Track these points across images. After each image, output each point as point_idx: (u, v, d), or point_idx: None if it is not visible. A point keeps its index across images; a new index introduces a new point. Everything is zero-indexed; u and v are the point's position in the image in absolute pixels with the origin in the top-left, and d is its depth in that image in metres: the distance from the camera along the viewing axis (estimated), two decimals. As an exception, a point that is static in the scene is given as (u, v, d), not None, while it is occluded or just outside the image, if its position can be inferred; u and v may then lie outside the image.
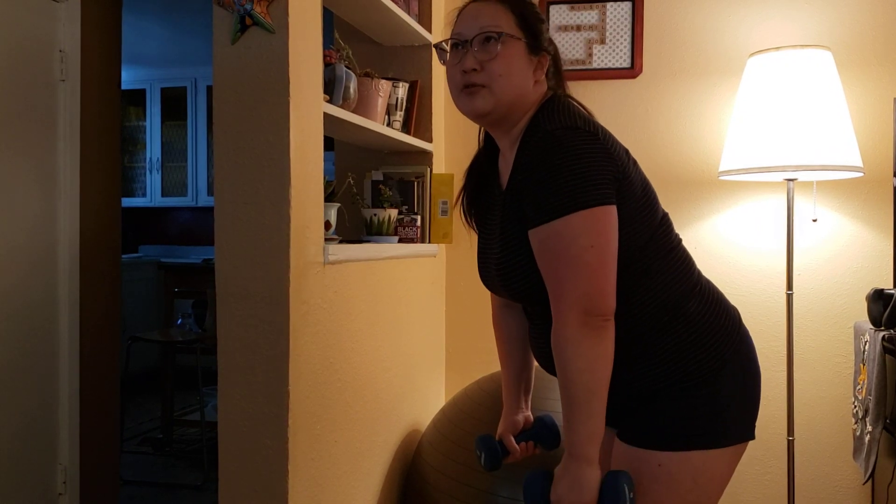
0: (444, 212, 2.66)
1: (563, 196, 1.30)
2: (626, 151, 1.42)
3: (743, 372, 1.42)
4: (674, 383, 1.38)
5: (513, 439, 1.62)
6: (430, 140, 2.75)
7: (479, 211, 1.60)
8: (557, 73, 1.52)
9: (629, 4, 2.84)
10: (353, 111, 2.19)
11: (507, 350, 1.68)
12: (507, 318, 1.67)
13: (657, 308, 1.38)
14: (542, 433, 1.63)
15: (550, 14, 2.89)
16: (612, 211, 1.32)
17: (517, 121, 1.46)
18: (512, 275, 1.43)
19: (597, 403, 1.29)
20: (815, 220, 2.62)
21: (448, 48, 1.48)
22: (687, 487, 1.37)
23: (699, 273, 1.48)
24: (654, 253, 1.40)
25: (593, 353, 1.29)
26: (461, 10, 1.49)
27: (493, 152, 1.57)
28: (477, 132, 1.62)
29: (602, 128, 1.40)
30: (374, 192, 2.49)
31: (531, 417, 1.67)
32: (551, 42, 1.52)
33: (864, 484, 2.54)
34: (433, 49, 1.59)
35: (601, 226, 1.30)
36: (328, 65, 2.08)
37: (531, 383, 1.69)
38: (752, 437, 1.44)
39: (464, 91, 1.44)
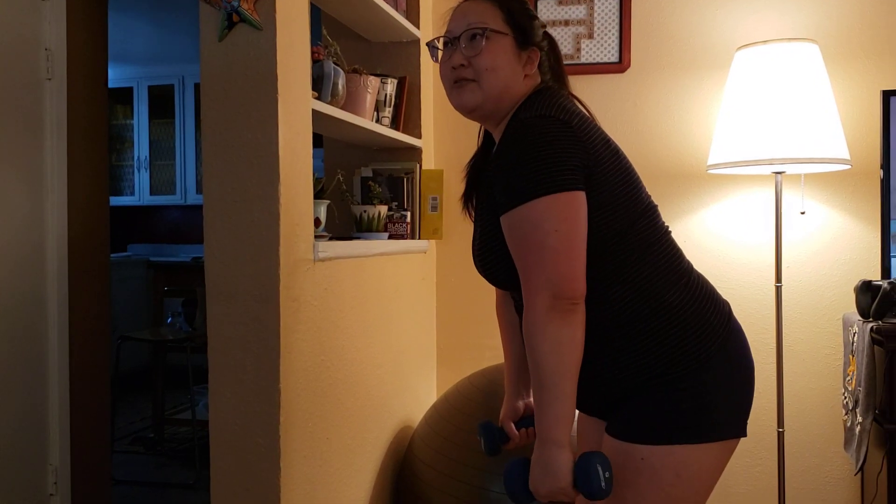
0: (434, 208, 2.65)
1: (529, 181, 1.32)
2: (606, 140, 1.44)
3: (731, 367, 1.41)
4: (656, 376, 1.38)
5: (513, 425, 1.64)
6: (419, 136, 2.75)
7: (476, 203, 1.62)
8: (555, 67, 1.56)
9: (617, -1, 2.84)
10: (342, 108, 2.18)
11: (508, 337, 1.70)
12: (510, 304, 1.68)
13: (637, 298, 1.38)
14: None
15: (539, 9, 2.89)
16: (579, 197, 1.33)
17: (506, 113, 1.48)
18: (489, 259, 1.46)
19: (564, 386, 1.30)
20: (803, 213, 2.64)
21: (440, 46, 1.52)
22: (670, 482, 1.37)
23: (689, 265, 1.48)
24: (634, 242, 1.40)
25: (560, 337, 1.30)
26: (454, 10, 1.53)
27: (490, 146, 1.60)
28: (468, 130, 1.65)
29: (581, 116, 1.42)
30: (363, 188, 2.49)
31: (532, 404, 1.68)
32: (546, 36, 1.55)
33: (855, 475, 2.56)
34: (426, 46, 1.61)
35: (566, 211, 1.32)
36: (316, 61, 2.07)
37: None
38: (744, 435, 1.43)
39: (454, 86, 1.48)
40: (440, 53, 1.52)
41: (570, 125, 1.37)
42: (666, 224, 1.50)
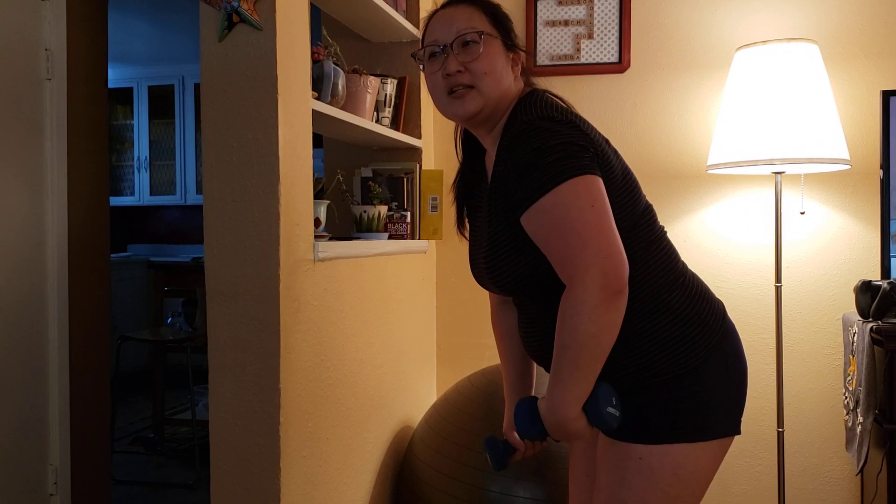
0: (434, 208, 2.65)
1: (550, 171, 1.30)
2: (606, 141, 1.44)
3: (726, 366, 1.42)
4: (654, 376, 1.38)
5: (516, 435, 1.62)
6: (419, 136, 2.75)
7: (470, 213, 1.61)
8: (527, 69, 1.55)
9: (617, -1, 2.85)
10: (342, 108, 2.18)
11: (506, 346, 1.68)
12: (506, 314, 1.67)
13: (638, 299, 1.37)
14: None
15: (538, 9, 2.89)
16: (600, 181, 1.32)
17: (500, 118, 1.48)
18: (499, 266, 1.44)
19: (595, 369, 1.30)
20: (803, 213, 2.64)
21: (425, 57, 1.49)
22: (668, 481, 1.37)
23: (684, 265, 1.49)
24: (635, 243, 1.40)
25: (607, 321, 1.27)
26: (431, 17, 1.50)
27: (475, 157, 1.59)
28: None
29: (580, 117, 1.42)
30: (363, 188, 2.49)
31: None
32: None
33: (857, 475, 2.56)
34: (411, 55, 1.59)
35: (594, 190, 1.31)
36: (316, 62, 2.07)
37: (532, 378, 1.69)
38: (738, 433, 1.44)
39: (450, 95, 1.45)
40: (426, 64, 1.49)
41: (575, 125, 1.37)
42: (662, 224, 1.50)
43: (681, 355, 1.38)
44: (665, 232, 1.49)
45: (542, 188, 1.30)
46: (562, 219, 1.29)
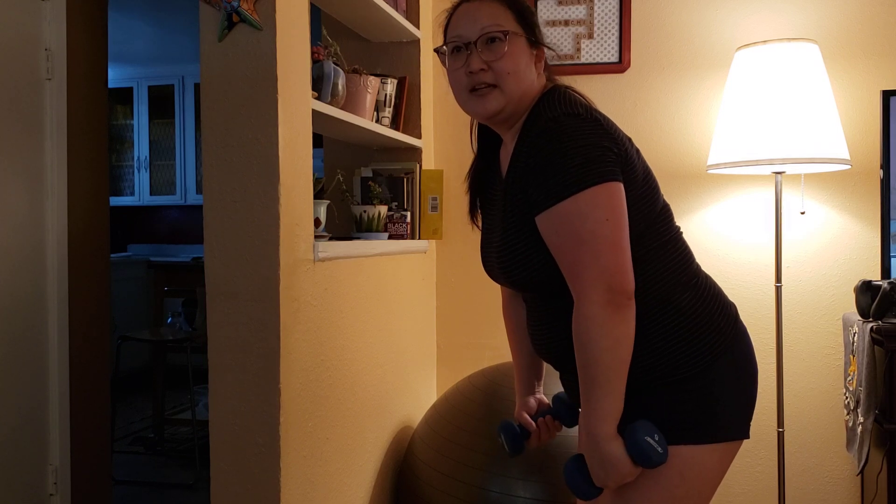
0: (434, 208, 2.65)
1: (569, 176, 1.30)
2: (629, 139, 1.43)
3: (736, 368, 1.42)
4: (664, 375, 1.38)
5: (528, 417, 1.62)
6: (419, 136, 2.75)
7: (482, 204, 1.60)
8: (548, 64, 1.54)
9: (617, -1, 2.85)
10: (342, 108, 2.18)
11: (517, 338, 1.69)
12: (518, 307, 1.67)
13: (650, 298, 1.38)
14: (560, 409, 1.63)
15: (539, 9, 2.89)
16: (621, 188, 1.33)
17: (522, 114, 1.47)
18: (512, 262, 1.44)
19: (617, 383, 1.30)
20: (803, 213, 2.64)
21: (448, 52, 1.47)
22: (674, 482, 1.37)
23: (698, 267, 1.49)
24: (650, 242, 1.40)
25: (617, 333, 1.29)
26: (454, 11, 1.49)
27: (489, 149, 1.59)
28: (468, 131, 1.63)
29: (603, 115, 1.41)
30: (363, 188, 2.49)
31: (545, 400, 1.68)
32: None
33: (857, 475, 2.56)
34: (434, 53, 1.57)
35: (613, 199, 1.31)
36: (316, 61, 2.07)
37: (542, 369, 1.69)
38: (747, 437, 1.44)
39: (472, 93, 1.44)
40: (448, 59, 1.47)
41: (600, 122, 1.36)
42: (678, 225, 1.50)
43: (689, 356, 1.38)
44: (681, 232, 1.49)
45: (562, 193, 1.30)
46: (577, 229, 1.30)
